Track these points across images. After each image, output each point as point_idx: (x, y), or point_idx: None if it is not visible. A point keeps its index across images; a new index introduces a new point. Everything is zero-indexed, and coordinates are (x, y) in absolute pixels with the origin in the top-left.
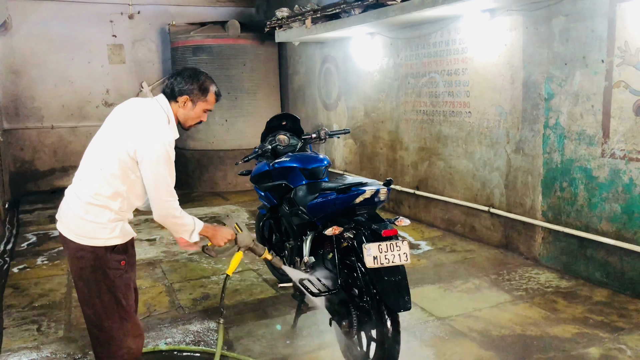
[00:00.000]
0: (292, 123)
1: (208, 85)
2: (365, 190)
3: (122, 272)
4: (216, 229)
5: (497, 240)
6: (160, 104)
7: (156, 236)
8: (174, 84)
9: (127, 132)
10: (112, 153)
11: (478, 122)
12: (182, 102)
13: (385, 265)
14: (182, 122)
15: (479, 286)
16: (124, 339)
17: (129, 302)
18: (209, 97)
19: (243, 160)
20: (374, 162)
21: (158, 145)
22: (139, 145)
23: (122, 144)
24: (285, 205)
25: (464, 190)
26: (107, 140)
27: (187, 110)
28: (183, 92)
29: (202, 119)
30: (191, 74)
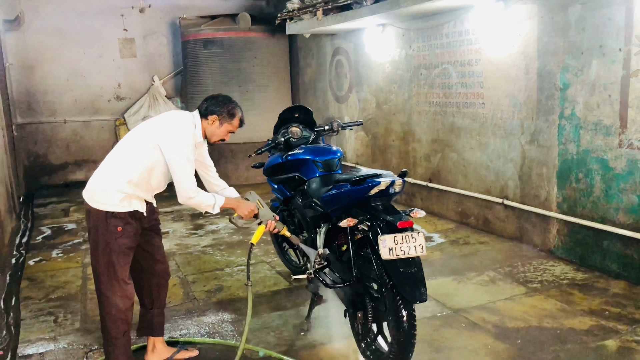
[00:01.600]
0: (305, 115)
1: (236, 112)
2: (380, 182)
3: (117, 236)
4: (240, 201)
5: (511, 232)
6: (193, 114)
7: (169, 229)
8: (208, 104)
9: (156, 127)
10: (139, 142)
11: (492, 113)
12: (211, 120)
13: (400, 257)
14: (209, 137)
15: (493, 278)
16: (112, 297)
17: (121, 265)
18: (234, 121)
19: (256, 153)
20: (386, 155)
21: (178, 139)
22: (163, 138)
23: (150, 136)
24: (298, 197)
25: (477, 182)
26: (138, 133)
27: (214, 127)
28: (214, 112)
29: (225, 138)
30: (224, 100)
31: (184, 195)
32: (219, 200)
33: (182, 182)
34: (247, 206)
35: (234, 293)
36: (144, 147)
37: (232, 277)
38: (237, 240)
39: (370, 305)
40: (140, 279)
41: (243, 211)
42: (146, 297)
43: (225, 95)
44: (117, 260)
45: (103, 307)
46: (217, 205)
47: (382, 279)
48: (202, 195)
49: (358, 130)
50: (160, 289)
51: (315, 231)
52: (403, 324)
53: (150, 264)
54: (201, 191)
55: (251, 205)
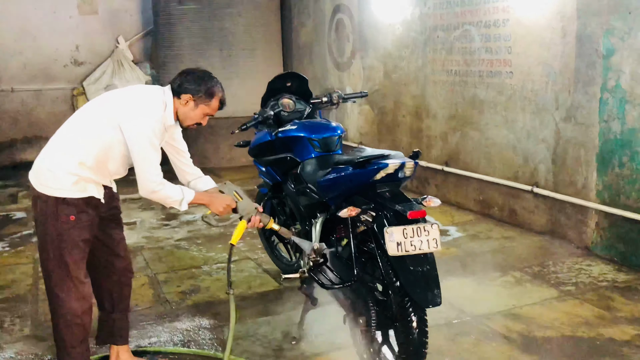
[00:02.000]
0: (299, 84)
1: (215, 91)
2: (387, 164)
3: (70, 227)
4: (212, 196)
5: (542, 225)
6: (164, 91)
7: (136, 219)
8: (182, 81)
9: (118, 103)
10: (97, 119)
11: (521, 84)
12: (184, 100)
13: (411, 253)
14: (181, 120)
15: (519, 279)
16: (66, 298)
17: (75, 261)
18: (213, 103)
19: (240, 129)
20: (395, 133)
21: (143, 121)
22: (125, 117)
23: (110, 112)
24: (290, 182)
25: (502, 166)
26: (96, 107)
27: (187, 109)
28: (188, 91)
29: (201, 122)
30: (201, 76)
31: (145, 187)
32: (188, 195)
33: (144, 173)
34: (222, 200)
35: (213, 295)
36: (102, 126)
37: (210, 276)
38: (218, 233)
39: (374, 310)
40: (98, 277)
41: (217, 207)
42: (106, 299)
43: (203, 71)
44: (70, 256)
45: (56, 311)
46: (185, 200)
47: (389, 279)
48: (167, 189)
49: (362, 104)
50: (122, 289)
51: (310, 222)
52: (413, 331)
53: (109, 259)
54: (167, 184)
55: (227, 199)
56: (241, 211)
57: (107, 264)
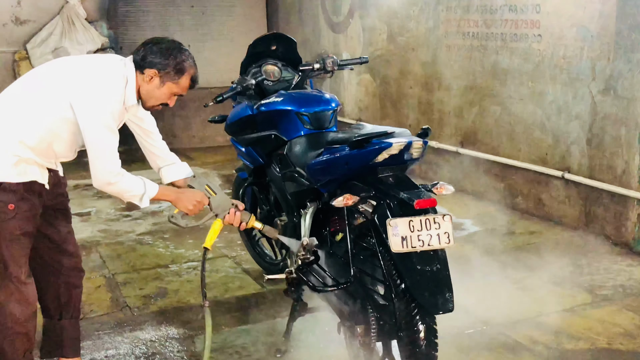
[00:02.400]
0: (286, 48)
1: (186, 66)
2: (391, 144)
3: (8, 217)
4: (179, 192)
5: (574, 218)
6: (125, 63)
7: (91, 209)
8: (146, 52)
9: (70, 77)
10: (44, 93)
11: (551, 49)
12: (148, 75)
13: (418, 250)
14: (143, 100)
15: (546, 282)
16: (5, 302)
17: (15, 258)
18: (182, 81)
19: (214, 101)
20: (401, 108)
21: (98, 100)
22: (78, 95)
23: (60, 87)
24: (275, 165)
25: (528, 147)
26: (43, 78)
27: (152, 86)
28: (152, 65)
29: (168, 103)
30: (170, 47)
31: (100, 178)
32: (150, 190)
33: (98, 161)
34: (191, 197)
35: (183, 299)
36: (51, 101)
37: (179, 277)
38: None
39: (374, 317)
40: (42, 278)
41: (185, 205)
42: (52, 304)
43: (172, 41)
44: (8, 252)
45: None
46: (146, 196)
47: (392, 280)
48: (126, 181)
49: (362, 72)
50: (71, 292)
51: (298, 213)
52: (420, 343)
53: (55, 257)
54: (126, 174)
55: (197, 195)
56: (215, 208)
57: (52, 262)
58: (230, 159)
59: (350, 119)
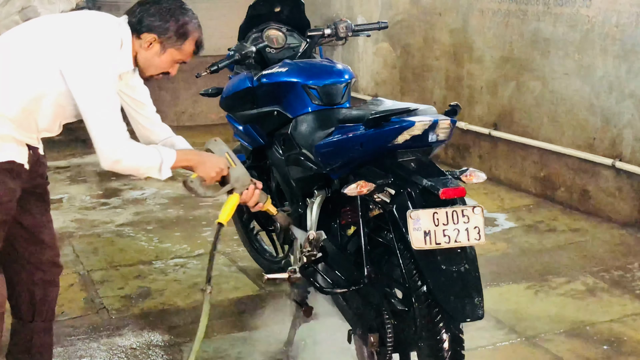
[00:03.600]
0: (292, 10)
1: (190, 29)
2: (413, 122)
3: None
4: (204, 154)
5: (626, 214)
6: (119, 23)
7: (63, 195)
8: (143, 13)
9: (57, 39)
10: (27, 57)
11: (602, 16)
12: (146, 41)
13: (443, 247)
14: (141, 68)
15: (592, 287)
16: None
17: None
18: (186, 46)
19: (208, 71)
20: (424, 82)
21: (93, 65)
22: (68, 59)
23: (46, 50)
24: (278, 146)
25: (573, 130)
26: (25, 40)
27: (151, 53)
28: (151, 29)
29: (169, 71)
30: (171, 7)
31: (108, 156)
32: (168, 156)
33: (103, 136)
34: (215, 163)
35: (169, 301)
36: (35, 68)
37: (165, 275)
38: (175, 215)
39: (390, 324)
40: (14, 273)
41: (208, 170)
42: (24, 303)
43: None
44: None
45: None
46: (165, 164)
47: (412, 282)
48: (138, 153)
49: (379, 40)
50: (47, 290)
51: (304, 203)
52: (443, 354)
53: (30, 248)
54: (136, 145)
55: (220, 162)
56: (234, 181)
57: (26, 255)
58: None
59: (365, 95)
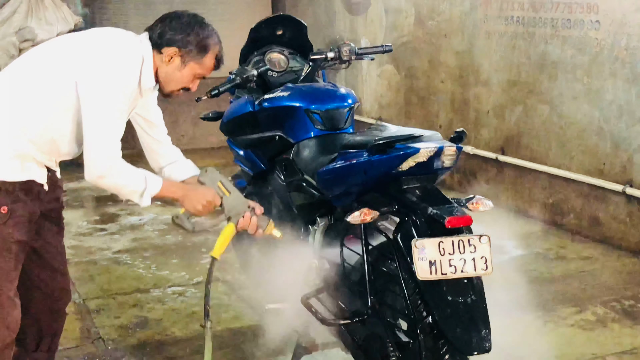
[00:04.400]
0: (294, 33)
1: (211, 43)
2: (418, 149)
3: (1, 222)
4: (188, 188)
5: (637, 241)
6: (141, 39)
7: None
8: (164, 28)
9: (76, 52)
10: (46, 73)
11: (611, 38)
12: (167, 55)
13: (449, 277)
14: (162, 84)
15: (603, 318)
16: None
17: (5, 271)
18: (206, 60)
19: (208, 95)
20: (429, 105)
21: (111, 79)
22: (85, 72)
23: (66, 64)
24: (279, 172)
25: (582, 155)
26: (43, 58)
27: (172, 68)
28: (172, 42)
29: (189, 87)
30: (191, 22)
31: (94, 169)
32: (153, 185)
33: (97, 147)
34: (201, 196)
35: (167, 331)
36: (54, 84)
37: (163, 304)
38: (174, 241)
39: (395, 356)
40: (24, 300)
41: (193, 204)
42: (30, 332)
43: (193, 15)
44: None
45: None
46: (147, 192)
47: (417, 313)
48: (125, 173)
49: (383, 63)
50: (55, 320)
51: (306, 230)
52: None
53: (42, 276)
54: (126, 166)
55: (208, 193)
56: (228, 210)
57: (38, 282)
58: (225, 163)
59: (369, 118)
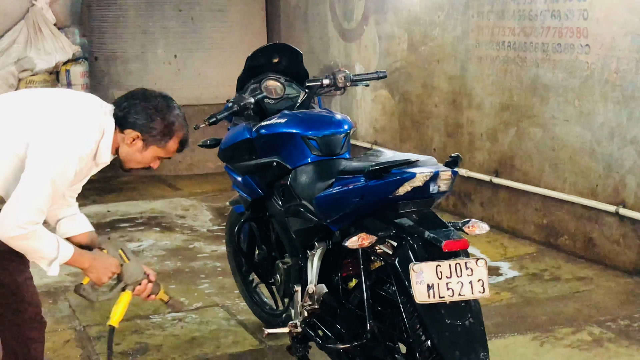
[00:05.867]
0: (289, 61)
1: (176, 128)
2: (414, 174)
3: None
4: (96, 258)
5: (631, 261)
6: (105, 111)
7: None
8: (129, 109)
9: (37, 116)
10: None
11: (601, 62)
12: (129, 137)
13: (447, 300)
14: (122, 160)
15: (599, 338)
16: None
17: None
18: (170, 144)
19: (206, 123)
20: (424, 130)
21: (62, 146)
22: (38, 137)
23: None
24: (277, 198)
25: (575, 177)
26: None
27: (133, 149)
28: (135, 126)
29: (151, 166)
30: (157, 106)
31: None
32: (64, 252)
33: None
34: (107, 266)
35: (167, 356)
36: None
37: (163, 330)
38: (173, 267)
39: None
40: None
41: (99, 275)
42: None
43: (161, 96)
44: None
45: None
46: (57, 261)
47: (416, 337)
48: (41, 239)
49: (378, 88)
50: (29, 348)
51: (304, 255)
52: None
53: (13, 307)
54: (44, 231)
55: (112, 264)
56: (127, 277)
57: (6, 313)
58: (223, 189)
59: (364, 142)
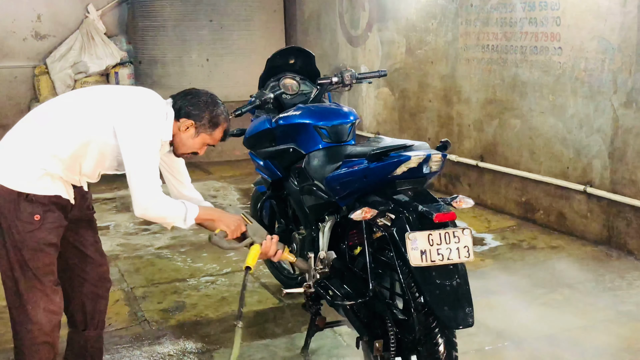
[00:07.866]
0: (304, 62)
1: (221, 120)
2: (410, 157)
3: (34, 228)
4: (221, 211)
5: (596, 232)
6: (167, 102)
7: (110, 223)
8: (185, 102)
9: (113, 102)
10: (84, 112)
11: (572, 62)
12: (184, 125)
13: (437, 264)
14: (175, 146)
15: (569, 298)
16: (33, 311)
17: (41, 266)
18: (216, 133)
19: (233, 115)
20: (420, 121)
21: (144, 127)
22: (122, 120)
23: (102, 109)
24: (293, 178)
25: (549, 161)
26: (83, 99)
27: (186, 136)
28: (190, 116)
29: (198, 152)
30: (208, 101)
31: (142, 203)
32: (192, 210)
33: (140, 186)
34: (233, 218)
35: (201, 313)
36: (91, 121)
37: (198, 291)
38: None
39: (393, 331)
40: (69, 287)
41: (228, 224)
42: (77, 314)
43: (210, 94)
44: (35, 261)
45: (19, 327)
46: (189, 215)
47: (411, 295)
48: (166, 204)
49: (380, 86)
50: (97, 303)
51: (316, 227)
52: (439, 357)
53: (82, 266)
54: (165, 198)
55: (237, 218)
56: (252, 235)
57: (79, 271)
58: (248, 172)
59: (368, 132)
